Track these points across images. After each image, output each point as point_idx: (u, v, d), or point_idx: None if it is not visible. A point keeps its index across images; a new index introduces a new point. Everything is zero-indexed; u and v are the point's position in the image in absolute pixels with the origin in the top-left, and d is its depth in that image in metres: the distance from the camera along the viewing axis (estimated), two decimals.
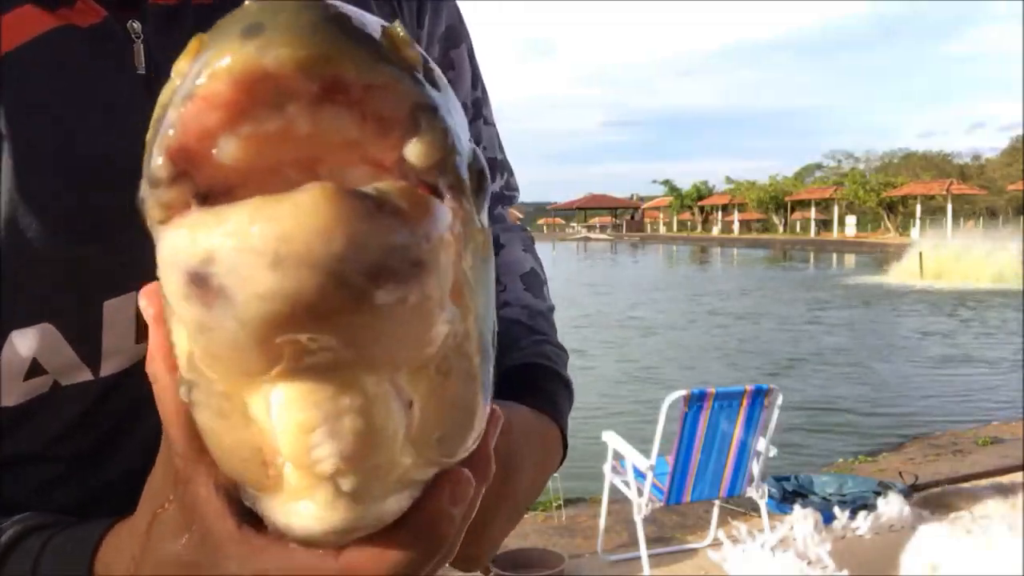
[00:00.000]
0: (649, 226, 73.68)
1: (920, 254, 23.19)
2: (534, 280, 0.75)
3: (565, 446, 0.65)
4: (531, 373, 0.66)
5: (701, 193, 65.81)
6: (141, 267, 0.33)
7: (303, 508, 0.29)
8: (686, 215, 67.84)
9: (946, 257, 23.08)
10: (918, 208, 42.87)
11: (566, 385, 0.68)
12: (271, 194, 0.23)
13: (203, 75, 0.24)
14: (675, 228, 68.24)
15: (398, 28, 0.26)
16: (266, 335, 0.23)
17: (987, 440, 6.19)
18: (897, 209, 47.01)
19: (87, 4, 0.48)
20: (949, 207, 40.00)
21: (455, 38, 0.69)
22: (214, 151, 0.24)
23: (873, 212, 49.74)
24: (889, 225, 46.81)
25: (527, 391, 0.63)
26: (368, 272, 0.23)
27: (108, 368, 0.49)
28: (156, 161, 0.25)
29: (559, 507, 4.83)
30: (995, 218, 44.50)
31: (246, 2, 0.25)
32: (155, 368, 0.32)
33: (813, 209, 52.74)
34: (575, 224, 79.19)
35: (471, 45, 0.71)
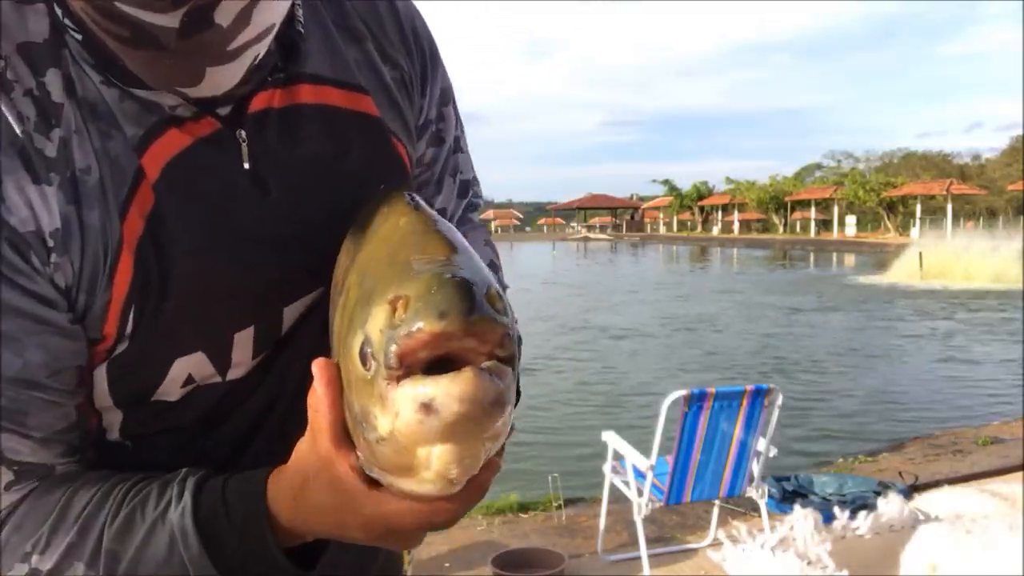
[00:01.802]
0: (649, 226, 73.72)
1: (920, 254, 23.19)
2: (492, 271, 0.86)
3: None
4: None
5: (701, 193, 65.83)
6: (255, 308, 0.66)
7: (428, 486, 0.52)
8: (686, 215, 67.86)
9: (946, 257, 23.07)
10: (918, 208, 42.87)
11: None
12: (443, 371, 0.47)
13: (414, 329, 0.47)
14: (675, 228, 68.27)
15: (494, 289, 0.50)
16: (452, 429, 0.48)
17: (987, 440, 6.18)
18: (897, 209, 47.00)
19: (207, 119, 0.66)
20: (949, 207, 40.03)
21: (446, 97, 0.88)
22: (420, 355, 0.48)
23: (873, 212, 49.76)
24: (889, 225, 46.83)
25: None
26: (492, 403, 0.48)
27: (231, 376, 0.69)
28: (391, 360, 0.48)
29: (559, 507, 4.84)
30: (995, 218, 44.46)
31: (429, 284, 0.48)
32: (316, 402, 0.54)
33: (813, 209, 52.77)
34: (575, 224, 79.25)
35: (454, 97, 0.91)
